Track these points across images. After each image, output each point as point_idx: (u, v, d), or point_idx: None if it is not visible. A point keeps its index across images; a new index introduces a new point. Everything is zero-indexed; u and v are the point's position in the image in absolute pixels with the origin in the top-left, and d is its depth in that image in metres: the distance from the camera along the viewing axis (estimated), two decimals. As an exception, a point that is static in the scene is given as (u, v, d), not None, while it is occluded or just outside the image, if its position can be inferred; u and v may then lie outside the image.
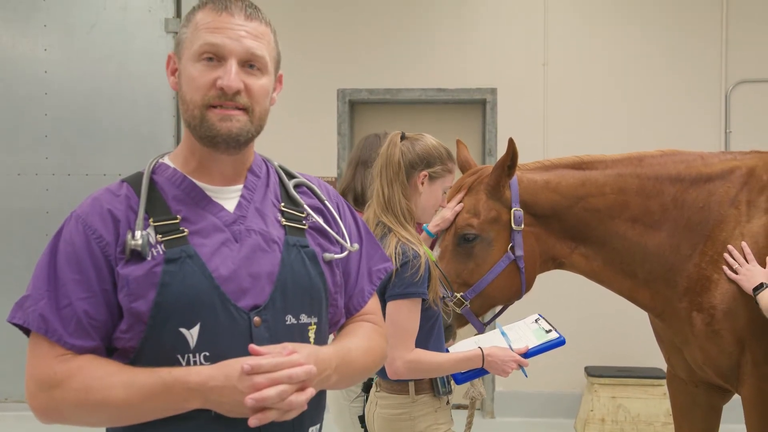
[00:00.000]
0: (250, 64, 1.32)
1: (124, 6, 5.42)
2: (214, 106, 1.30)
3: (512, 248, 2.49)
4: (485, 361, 2.16)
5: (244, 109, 1.32)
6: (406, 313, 2.05)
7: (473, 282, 2.47)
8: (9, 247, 5.39)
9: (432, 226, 2.56)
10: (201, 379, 1.19)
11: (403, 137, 2.23)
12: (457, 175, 2.70)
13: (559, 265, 2.63)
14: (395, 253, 2.06)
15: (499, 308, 2.64)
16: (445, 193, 2.26)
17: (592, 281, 2.69)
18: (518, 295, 2.56)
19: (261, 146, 1.42)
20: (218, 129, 1.30)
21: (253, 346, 1.23)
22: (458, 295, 2.43)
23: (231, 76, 1.29)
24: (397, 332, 2.02)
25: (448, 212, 2.52)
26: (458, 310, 2.43)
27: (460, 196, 2.56)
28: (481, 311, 2.53)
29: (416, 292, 2.06)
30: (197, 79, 1.30)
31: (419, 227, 2.55)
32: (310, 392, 1.22)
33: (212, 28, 1.30)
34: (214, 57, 1.30)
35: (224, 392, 1.18)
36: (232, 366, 1.19)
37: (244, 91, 1.31)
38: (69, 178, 5.41)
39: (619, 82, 5.25)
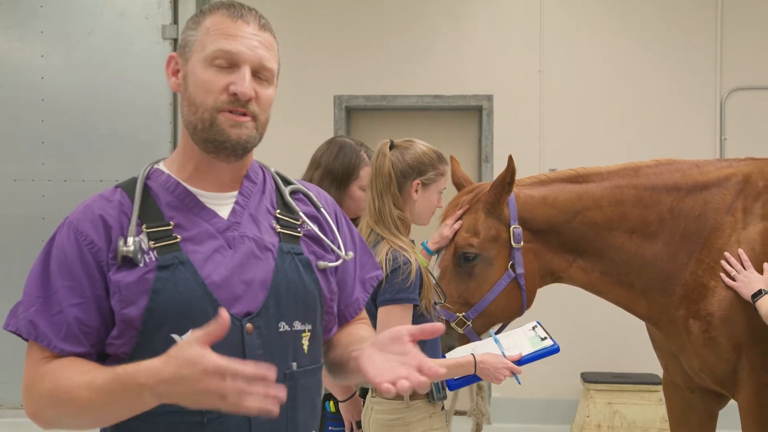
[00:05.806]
0: (259, 73, 1.33)
1: (121, 13, 5.41)
2: (224, 111, 1.30)
3: (512, 266, 2.49)
4: (477, 368, 2.15)
5: (253, 117, 1.32)
6: (398, 319, 2.04)
7: (475, 302, 2.47)
8: (5, 253, 5.36)
9: (431, 243, 2.56)
10: (151, 373, 1.11)
11: (392, 146, 2.22)
12: (453, 191, 2.70)
13: (557, 279, 2.64)
14: (386, 260, 2.06)
15: (499, 325, 2.65)
16: (440, 194, 2.26)
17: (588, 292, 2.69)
18: (519, 313, 2.57)
19: (257, 152, 1.42)
20: (228, 134, 1.30)
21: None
22: (460, 315, 2.44)
23: (246, 83, 1.29)
24: None
25: (446, 230, 2.52)
26: (461, 331, 2.44)
27: (458, 213, 2.56)
28: (482, 330, 2.54)
29: (407, 297, 2.06)
30: (210, 82, 1.30)
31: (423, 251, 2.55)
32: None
33: (227, 35, 1.31)
34: (227, 63, 1.30)
35: (176, 383, 1.08)
36: (180, 356, 1.09)
37: (254, 99, 1.31)
38: (65, 185, 5.40)
39: (615, 89, 5.26)
